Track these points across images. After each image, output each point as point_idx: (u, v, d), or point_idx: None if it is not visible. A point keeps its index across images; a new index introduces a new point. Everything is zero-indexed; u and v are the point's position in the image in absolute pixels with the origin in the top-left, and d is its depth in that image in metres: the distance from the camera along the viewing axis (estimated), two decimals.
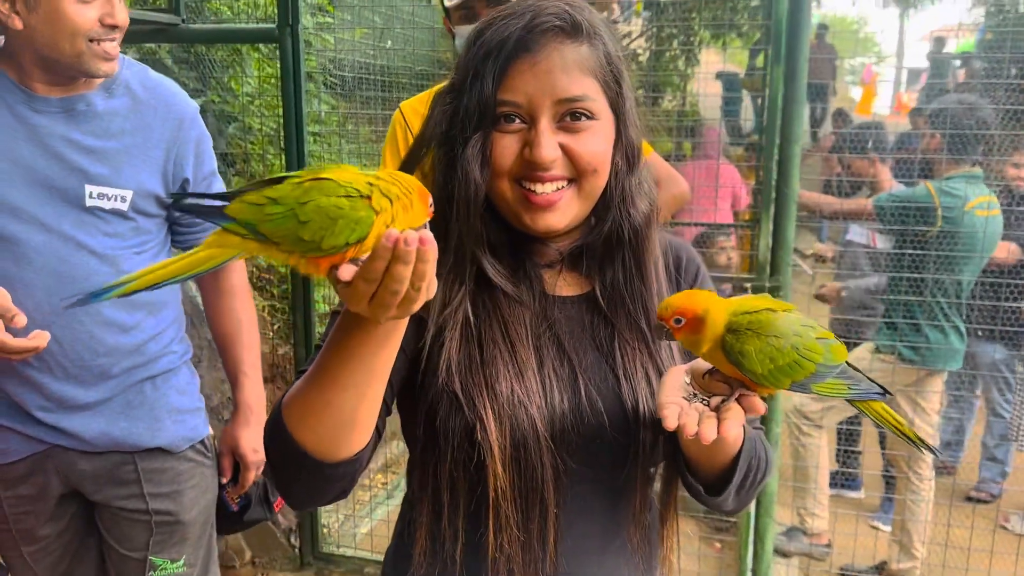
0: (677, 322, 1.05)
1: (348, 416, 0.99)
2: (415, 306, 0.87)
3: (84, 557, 2.16)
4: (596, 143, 1.15)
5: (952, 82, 7.54)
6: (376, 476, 4.44)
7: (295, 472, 1.04)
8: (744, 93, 7.03)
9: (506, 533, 1.14)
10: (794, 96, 2.81)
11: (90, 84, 1.91)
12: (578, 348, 1.21)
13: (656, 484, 1.31)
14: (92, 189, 1.87)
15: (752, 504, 3.12)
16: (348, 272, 0.85)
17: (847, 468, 4.58)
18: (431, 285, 0.87)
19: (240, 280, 2.21)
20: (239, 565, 3.74)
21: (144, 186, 1.93)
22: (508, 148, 1.14)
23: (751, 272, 3.05)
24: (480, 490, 1.14)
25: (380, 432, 1.13)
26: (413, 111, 2.57)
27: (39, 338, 1.77)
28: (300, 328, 3.53)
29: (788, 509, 4.04)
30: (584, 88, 1.13)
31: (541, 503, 1.15)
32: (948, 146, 3.77)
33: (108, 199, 1.89)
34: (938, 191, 3.72)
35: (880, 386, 1.11)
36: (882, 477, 4.50)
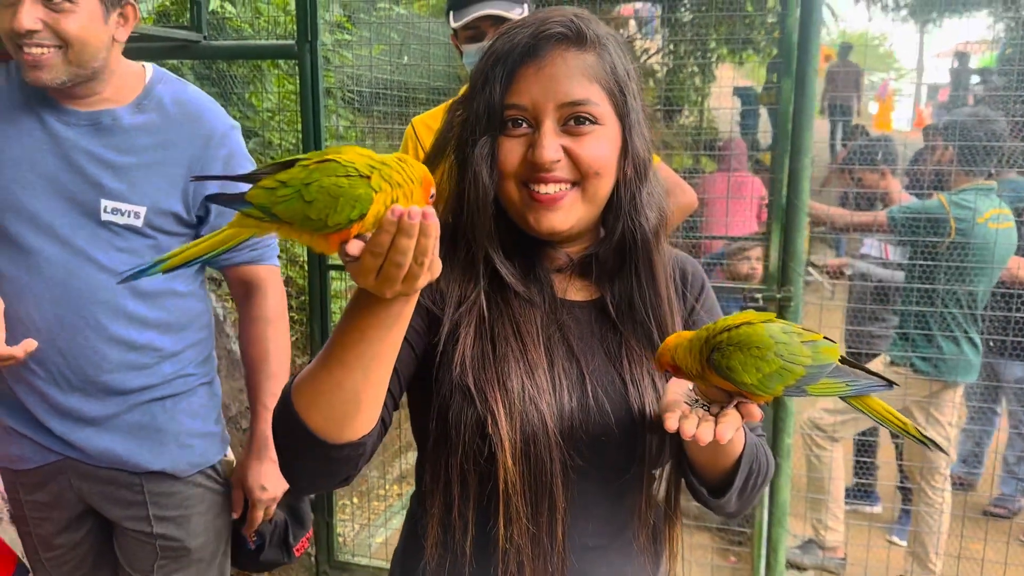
0: (667, 374, 1.17)
1: (353, 397, 1.02)
2: (419, 282, 0.92)
3: (100, 573, 2.16)
4: (599, 147, 1.19)
5: (971, 97, 7.52)
6: (392, 487, 4.47)
7: (300, 453, 1.08)
8: (761, 108, 7.05)
9: (516, 526, 1.17)
10: (803, 108, 2.83)
11: (117, 99, 1.90)
12: (586, 351, 1.24)
13: (662, 487, 1.34)
14: (107, 204, 1.86)
15: (764, 515, 3.12)
16: (356, 247, 0.90)
17: (863, 480, 4.55)
18: (434, 263, 0.92)
19: (275, 309, 2.11)
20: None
21: (159, 203, 1.89)
22: (513, 151, 1.19)
23: (763, 283, 3.06)
24: (491, 483, 1.17)
25: (386, 425, 1.17)
26: (425, 126, 2.62)
27: (21, 347, 1.77)
28: (317, 339, 3.56)
29: (801, 520, 4.02)
30: (587, 93, 1.18)
31: (550, 497, 1.18)
32: (960, 159, 3.78)
33: (122, 214, 1.87)
34: (951, 203, 3.74)
35: (884, 377, 1.13)
36: (899, 491, 4.47)
